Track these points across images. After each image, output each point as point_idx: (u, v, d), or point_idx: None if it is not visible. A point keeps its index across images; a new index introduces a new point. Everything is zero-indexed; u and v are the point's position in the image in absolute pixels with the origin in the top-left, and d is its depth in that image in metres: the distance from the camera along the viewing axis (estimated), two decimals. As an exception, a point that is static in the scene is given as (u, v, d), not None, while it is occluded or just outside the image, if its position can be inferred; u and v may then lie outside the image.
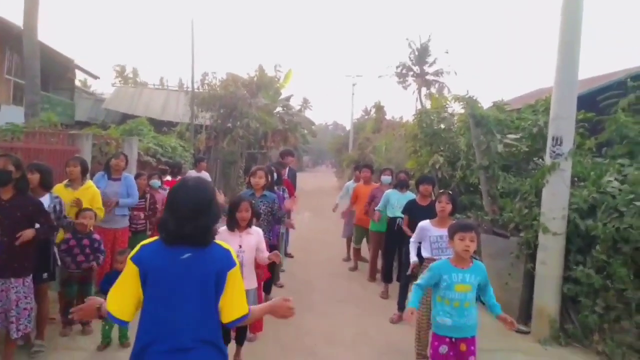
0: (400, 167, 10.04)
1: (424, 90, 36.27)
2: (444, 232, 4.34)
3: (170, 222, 2.05)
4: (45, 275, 4.23)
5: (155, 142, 10.03)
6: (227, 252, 2.14)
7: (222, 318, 2.10)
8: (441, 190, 4.81)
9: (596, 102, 7.05)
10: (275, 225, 5.96)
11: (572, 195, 5.25)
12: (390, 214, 6.53)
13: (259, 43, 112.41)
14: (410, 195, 6.36)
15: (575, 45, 5.04)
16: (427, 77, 36.89)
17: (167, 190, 7.27)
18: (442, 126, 8.16)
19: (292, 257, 8.87)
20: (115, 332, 4.53)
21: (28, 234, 3.65)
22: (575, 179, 5.66)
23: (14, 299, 3.66)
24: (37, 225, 3.79)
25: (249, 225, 4.07)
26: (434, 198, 5.42)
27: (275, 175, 6.63)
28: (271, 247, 5.72)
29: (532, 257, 5.44)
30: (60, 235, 4.77)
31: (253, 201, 5.20)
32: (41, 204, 3.94)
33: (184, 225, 2.03)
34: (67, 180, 5.08)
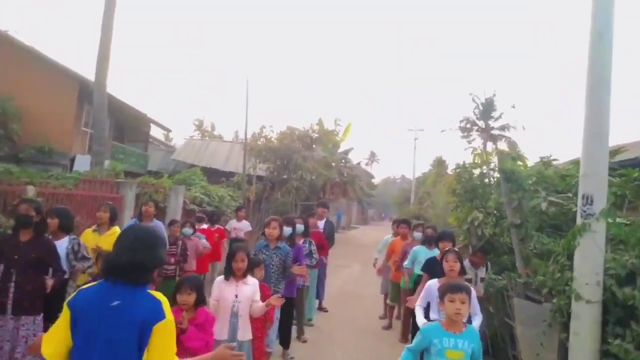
0: (446, 222, 9.73)
1: (489, 145, 35.37)
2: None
3: (112, 253, 2.14)
4: (59, 315, 4.44)
5: (203, 191, 10.48)
6: (158, 303, 2.11)
7: None
8: (447, 249, 4.58)
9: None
10: (295, 278, 5.92)
11: (610, 260, 4.79)
12: (417, 271, 6.29)
13: (322, 97, 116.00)
14: (437, 252, 6.11)
15: (604, 96, 4.76)
16: (493, 131, 35.97)
17: (203, 239, 7.53)
18: (479, 182, 7.84)
19: (326, 311, 8.67)
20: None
21: (52, 282, 3.95)
22: (618, 242, 5.18)
23: (22, 336, 3.87)
24: (50, 270, 4.06)
25: (245, 275, 4.08)
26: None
27: (301, 227, 6.66)
28: (286, 301, 5.69)
29: (566, 327, 4.94)
30: (82, 278, 5.03)
31: (266, 252, 5.29)
32: (54, 247, 4.22)
33: (122, 255, 2.09)
34: (95, 225, 5.41)
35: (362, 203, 46.63)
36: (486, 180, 8.13)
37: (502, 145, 35.67)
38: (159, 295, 2.17)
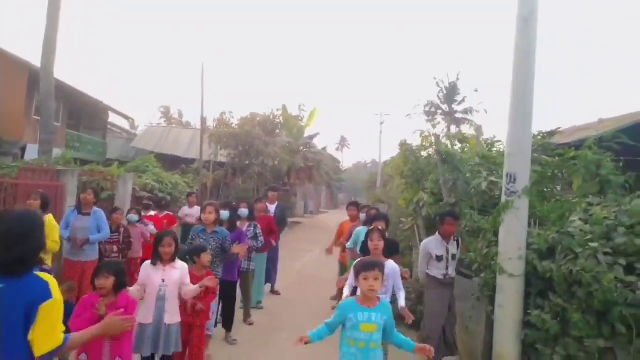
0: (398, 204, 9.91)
1: (453, 128, 36.00)
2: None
3: None
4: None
5: (156, 178, 10.36)
6: (45, 284, 2.14)
7: (34, 351, 2.09)
8: (371, 227, 4.70)
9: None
10: (236, 261, 5.97)
11: (532, 236, 5.01)
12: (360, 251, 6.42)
13: (289, 84, 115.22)
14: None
15: (528, 79, 4.94)
16: (456, 115, 36.60)
17: (150, 225, 7.47)
18: (426, 164, 8.02)
19: (278, 294, 8.78)
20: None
21: None
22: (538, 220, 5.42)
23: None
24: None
25: (173, 259, 4.10)
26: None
27: (245, 211, 6.70)
28: (227, 284, 5.74)
29: (492, 300, 5.17)
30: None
31: (203, 237, 5.31)
32: None
33: None
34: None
35: (331, 188, 46.93)
36: (432, 162, 8.32)
37: (467, 129, 36.43)
38: (46, 276, 2.19)
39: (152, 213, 8.09)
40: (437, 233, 5.56)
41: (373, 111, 72.94)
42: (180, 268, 4.15)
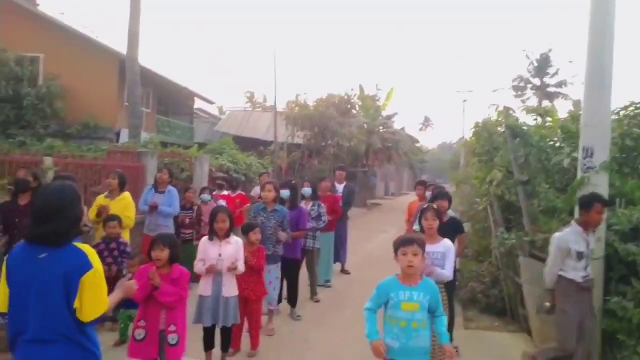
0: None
1: (545, 103, 33.52)
2: (432, 248, 4.10)
3: (30, 224, 2.29)
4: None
5: (231, 159, 10.76)
6: (84, 255, 2.26)
7: (81, 317, 2.23)
8: (425, 206, 4.46)
9: None
10: (298, 240, 6.03)
11: (613, 216, 4.54)
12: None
13: (363, 64, 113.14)
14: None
15: (606, 46, 4.42)
16: (549, 89, 33.98)
17: (221, 204, 7.79)
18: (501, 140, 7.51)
19: (348, 273, 8.80)
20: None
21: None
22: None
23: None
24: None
25: (227, 235, 4.23)
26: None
27: (308, 190, 6.73)
28: (290, 262, 5.84)
29: (567, 285, 4.76)
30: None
31: (263, 215, 5.41)
32: None
33: (35, 228, 2.25)
34: (107, 191, 5.76)
35: (413, 169, 45.95)
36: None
37: (561, 103, 33.77)
38: (85, 247, 2.32)
39: (225, 192, 8.41)
40: (573, 223, 4.35)
41: (456, 89, 70.18)
42: (235, 243, 4.26)
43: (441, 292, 4.18)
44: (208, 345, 4.26)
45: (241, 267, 4.22)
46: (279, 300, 5.98)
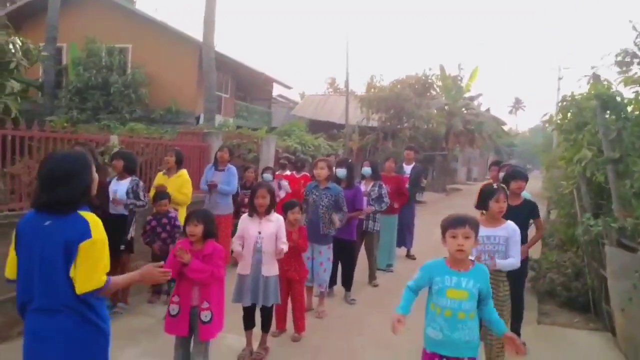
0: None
1: (656, 79, 29.78)
2: (493, 231, 3.65)
3: (35, 191, 2.23)
4: (122, 247, 4.96)
5: (298, 140, 10.67)
6: (85, 223, 2.16)
7: (76, 289, 2.14)
8: (494, 186, 3.88)
9: None
10: (354, 221, 5.75)
11: None
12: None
13: (446, 45, 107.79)
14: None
15: None
16: (660, 63, 30.17)
17: (283, 183, 7.70)
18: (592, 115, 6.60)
19: (414, 258, 8.36)
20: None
21: None
22: None
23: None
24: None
25: (268, 212, 4.05)
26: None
27: (368, 169, 6.41)
28: (345, 243, 5.58)
29: (662, 279, 4.05)
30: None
31: (316, 193, 5.19)
32: (103, 188, 4.65)
33: (40, 195, 2.18)
34: (166, 169, 5.85)
35: (500, 153, 43.42)
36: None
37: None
38: (89, 215, 2.22)
39: (288, 173, 8.31)
40: None
41: (550, 66, 65.03)
42: (276, 221, 4.08)
43: (502, 282, 3.72)
44: (248, 324, 4.15)
45: (284, 247, 4.03)
46: (333, 283, 5.77)
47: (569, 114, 7.20)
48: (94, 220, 2.20)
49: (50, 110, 13.11)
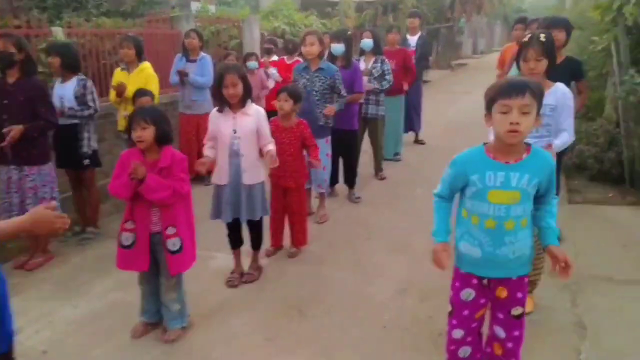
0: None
1: None
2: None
3: None
4: (86, 162, 4.16)
5: (287, 21, 9.33)
6: None
7: None
8: (526, 38, 2.89)
9: None
10: (354, 107, 4.86)
11: None
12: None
13: None
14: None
15: None
16: None
17: (272, 71, 6.67)
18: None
19: (423, 143, 7.57)
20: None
21: (15, 132, 3.45)
22: None
23: (29, 187, 3.63)
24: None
25: (243, 103, 3.16)
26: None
27: (368, 42, 5.36)
28: (345, 134, 4.77)
29: None
30: (122, 122, 4.63)
31: (306, 76, 4.27)
32: (44, 90, 3.73)
33: None
34: (124, 63, 4.84)
35: (508, 21, 40.61)
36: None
37: None
38: None
39: (275, 58, 7.20)
40: None
41: None
42: (255, 114, 3.21)
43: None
44: (234, 243, 3.46)
45: (272, 146, 3.22)
46: (334, 182, 5.04)
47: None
48: None
49: (11, 13, 11.56)
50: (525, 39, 2.78)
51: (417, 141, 7.56)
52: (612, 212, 4.62)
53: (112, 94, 4.70)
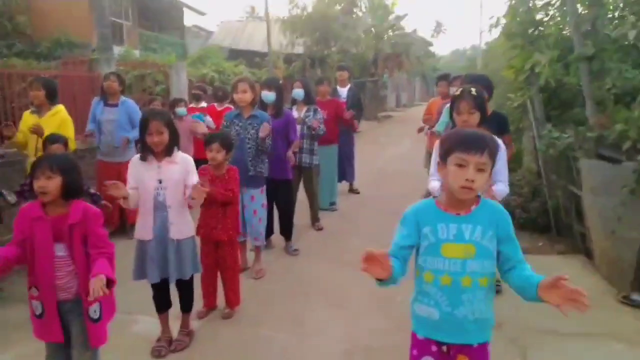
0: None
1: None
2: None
3: None
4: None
5: (215, 68, 9.21)
6: None
7: None
8: (457, 92, 2.97)
9: None
10: (287, 153, 4.71)
11: None
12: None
13: None
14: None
15: None
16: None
17: (205, 117, 6.41)
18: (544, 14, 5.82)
19: (357, 192, 7.56)
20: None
21: None
22: None
23: None
24: None
25: (169, 152, 2.89)
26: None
27: (300, 92, 5.30)
28: (281, 184, 4.59)
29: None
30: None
31: (239, 124, 4.08)
32: None
33: None
34: (33, 106, 4.40)
35: (425, 78, 43.44)
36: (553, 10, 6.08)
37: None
38: None
39: (204, 105, 6.97)
40: None
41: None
42: (182, 162, 2.95)
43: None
44: (161, 306, 3.07)
45: (195, 178, 2.96)
46: (270, 233, 4.79)
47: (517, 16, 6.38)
48: None
49: None
50: (457, 92, 2.83)
51: (352, 190, 7.54)
52: (543, 262, 4.67)
53: (20, 136, 4.22)
